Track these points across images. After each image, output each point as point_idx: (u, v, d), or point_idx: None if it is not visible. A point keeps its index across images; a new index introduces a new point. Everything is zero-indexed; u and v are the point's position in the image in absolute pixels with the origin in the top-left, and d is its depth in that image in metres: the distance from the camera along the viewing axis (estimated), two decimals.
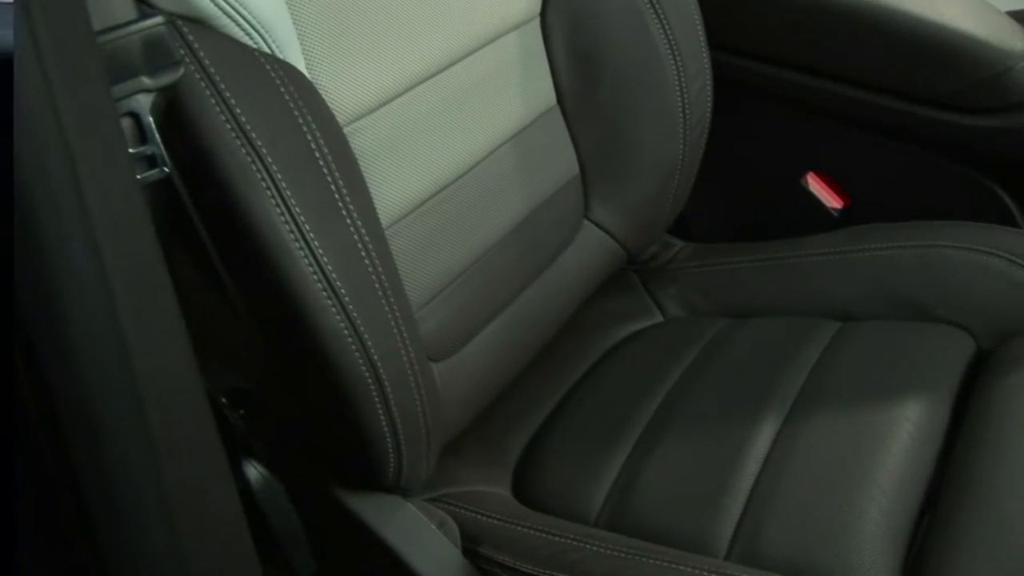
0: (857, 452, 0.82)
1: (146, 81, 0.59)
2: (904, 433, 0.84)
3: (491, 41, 0.89)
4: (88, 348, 0.52)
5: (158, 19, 0.60)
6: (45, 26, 0.49)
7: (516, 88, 0.92)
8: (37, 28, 0.48)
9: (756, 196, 1.27)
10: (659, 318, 1.11)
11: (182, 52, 0.61)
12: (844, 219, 1.20)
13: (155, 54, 0.59)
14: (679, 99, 1.01)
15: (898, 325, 0.99)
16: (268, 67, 0.65)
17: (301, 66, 0.71)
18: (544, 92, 0.97)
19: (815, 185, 1.21)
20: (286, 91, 0.65)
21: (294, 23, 0.71)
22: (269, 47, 0.67)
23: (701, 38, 1.03)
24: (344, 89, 0.74)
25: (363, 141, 0.76)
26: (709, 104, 1.05)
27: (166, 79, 0.60)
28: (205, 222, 0.64)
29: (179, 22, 0.62)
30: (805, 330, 1.00)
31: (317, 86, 0.71)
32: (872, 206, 1.19)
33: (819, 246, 1.08)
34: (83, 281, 0.51)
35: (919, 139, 1.13)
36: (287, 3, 0.70)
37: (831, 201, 1.21)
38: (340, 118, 0.73)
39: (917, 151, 1.14)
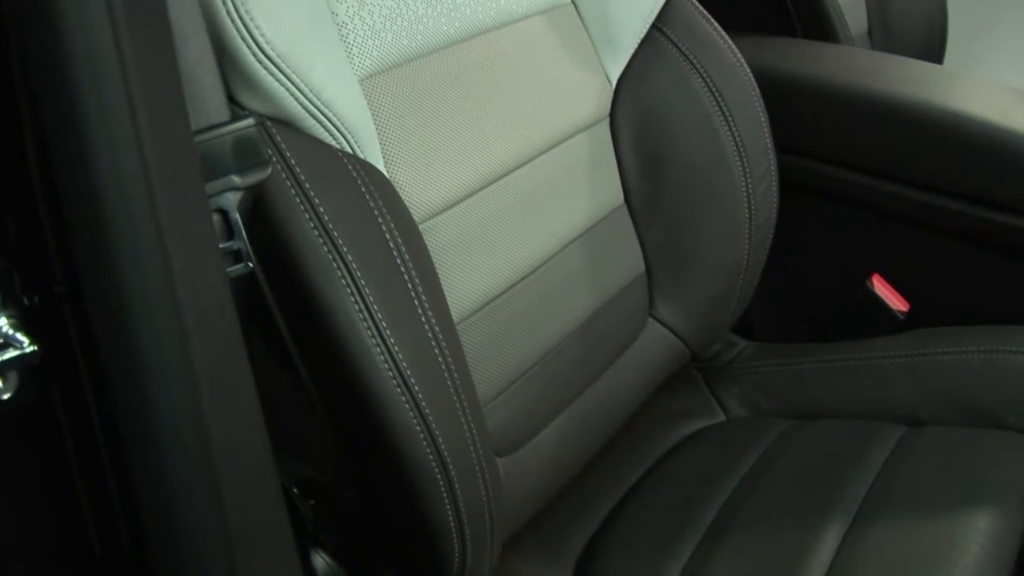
0: (925, 565, 0.81)
1: (236, 180, 0.61)
2: (975, 546, 0.82)
3: (562, 141, 0.91)
4: (170, 435, 0.53)
5: (249, 121, 0.62)
6: (148, 125, 0.51)
7: (585, 187, 0.94)
8: (141, 127, 0.51)
9: (820, 297, 1.27)
10: (722, 417, 1.10)
11: (270, 152, 0.64)
12: (909, 322, 1.19)
13: (245, 154, 0.62)
14: (745, 200, 1.02)
15: (966, 432, 0.97)
16: (350, 167, 0.68)
17: (380, 165, 0.73)
18: (612, 191, 0.99)
19: (880, 287, 1.21)
20: (367, 191, 0.67)
21: (376, 125, 0.74)
22: (351, 147, 0.70)
23: (768, 140, 1.04)
24: (421, 188, 0.76)
25: (437, 238, 0.78)
26: (775, 205, 1.06)
27: (254, 178, 0.62)
28: (285, 316, 0.66)
29: (268, 123, 0.65)
30: (870, 434, 0.99)
31: (395, 184, 0.73)
32: (937, 309, 1.19)
33: (884, 349, 1.07)
34: (170, 371, 0.53)
35: (985, 242, 1.13)
36: (370, 106, 0.73)
37: (896, 303, 1.21)
38: (416, 215, 0.75)
39: (983, 254, 1.14)
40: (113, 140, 0.51)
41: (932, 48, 1.81)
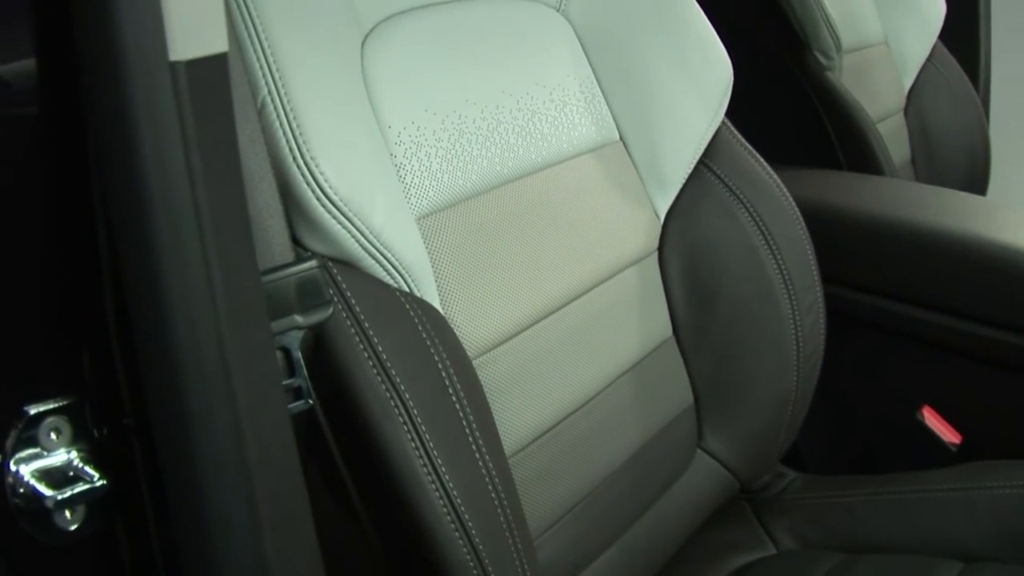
0: None
1: (298, 319, 0.64)
2: None
3: (612, 276, 0.93)
4: (231, 570, 0.55)
5: (312, 263, 0.65)
6: (220, 267, 0.54)
7: (634, 321, 0.96)
8: (212, 268, 0.54)
9: (870, 428, 1.27)
10: (772, 550, 1.09)
11: (331, 292, 0.66)
12: (962, 454, 1.18)
13: (308, 294, 0.65)
14: (793, 332, 1.03)
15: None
16: (408, 306, 0.70)
17: (436, 303, 0.75)
18: (661, 324, 1.00)
19: (931, 419, 1.20)
20: (423, 329, 0.70)
21: (432, 264, 0.76)
22: (409, 286, 0.73)
23: (814, 273, 1.06)
24: (475, 325, 0.79)
25: (490, 373, 0.80)
26: (822, 337, 1.07)
27: (316, 317, 0.65)
28: (342, 451, 0.67)
29: (330, 264, 0.68)
30: (924, 570, 0.97)
31: (450, 321, 0.76)
32: (992, 441, 1.18)
33: (937, 482, 1.06)
34: (232, 507, 0.54)
35: None
36: (426, 245, 0.76)
37: (948, 436, 1.20)
38: (470, 351, 0.77)
39: None
40: (186, 280, 0.53)
41: (976, 178, 1.84)
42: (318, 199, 0.66)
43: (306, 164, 0.66)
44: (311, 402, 0.64)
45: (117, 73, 0.51)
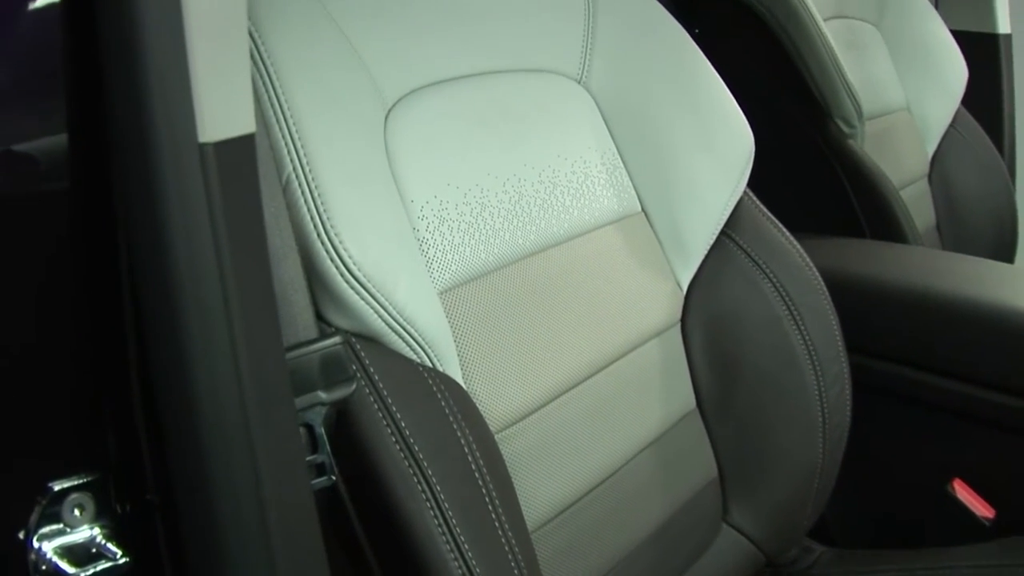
0: None
1: (322, 395, 0.65)
2: None
3: (634, 348, 0.94)
4: None
5: (336, 339, 0.67)
6: (245, 343, 0.55)
7: (657, 393, 0.96)
8: (238, 345, 0.55)
9: (899, 502, 1.26)
10: None
11: (355, 368, 0.68)
12: (997, 529, 1.17)
13: (331, 370, 0.66)
14: (818, 403, 1.03)
15: None
16: (430, 381, 0.71)
17: (459, 378, 0.76)
18: (684, 396, 1.01)
19: (962, 492, 1.19)
20: (446, 405, 0.71)
21: (454, 338, 0.77)
22: (431, 361, 0.74)
23: (839, 343, 1.06)
24: (498, 399, 0.80)
25: (512, 448, 0.80)
26: (848, 408, 1.07)
27: (340, 393, 0.66)
28: (365, 528, 0.68)
29: (353, 339, 0.69)
30: None
31: (473, 396, 0.77)
32: None
33: (970, 558, 1.05)
34: None
35: None
36: (448, 319, 0.77)
37: (981, 510, 1.19)
38: (493, 426, 0.78)
39: None
40: (212, 357, 0.55)
41: (1003, 245, 1.84)
42: (342, 275, 0.68)
43: (330, 241, 0.67)
44: (334, 478, 0.65)
45: (147, 154, 0.53)
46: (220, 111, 0.54)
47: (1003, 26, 1.90)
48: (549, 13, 0.98)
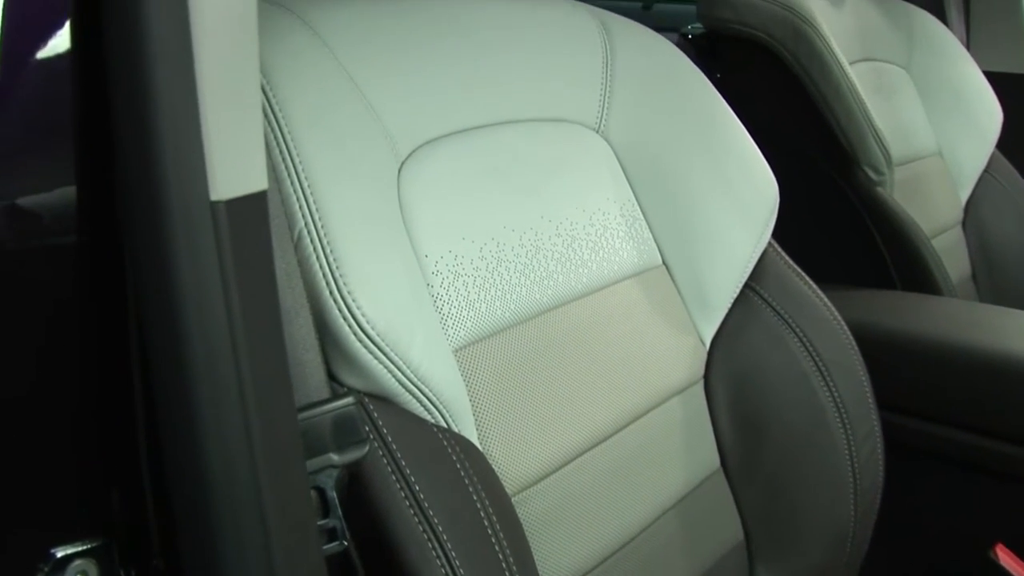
0: None
1: (334, 458, 0.66)
2: None
3: (656, 406, 0.95)
4: None
5: (349, 399, 0.68)
6: (256, 404, 0.57)
7: (680, 453, 0.97)
8: (248, 406, 0.56)
9: (939, 567, 1.25)
10: None
11: (367, 429, 0.69)
12: None
13: (344, 432, 0.67)
14: (848, 464, 1.03)
15: None
16: (445, 443, 0.72)
17: (474, 439, 0.78)
18: (707, 455, 1.01)
19: (1006, 559, 1.19)
20: (462, 467, 0.72)
21: (469, 397, 0.79)
22: (446, 421, 0.75)
23: (870, 400, 1.07)
24: (514, 461, 0.81)
25: (530, 510, 0.81)
26: (881, 469, 1.07)
27: (352, 456, 0.67)
28: None
29: (366, 400, 0.70)
30: None
31: (489, 458, 0.78)
32: None
33: None
34: None
35: None
36: (464, 378, 0.79)
37: None
38: (509, 488, 0.79)
39: None
40: (222, 419, 0.56)
41: None
42: (355, 334, 0.69)
43: (343, 298, 0.69)
44: (346, 543, 0.66)
45: (158, 212, 0.55)
46: (232, 168, 0.56)
47: None
48: (566, 61, 1.00)
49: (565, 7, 1.06)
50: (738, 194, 1.04)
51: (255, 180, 0.57)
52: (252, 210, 0.58)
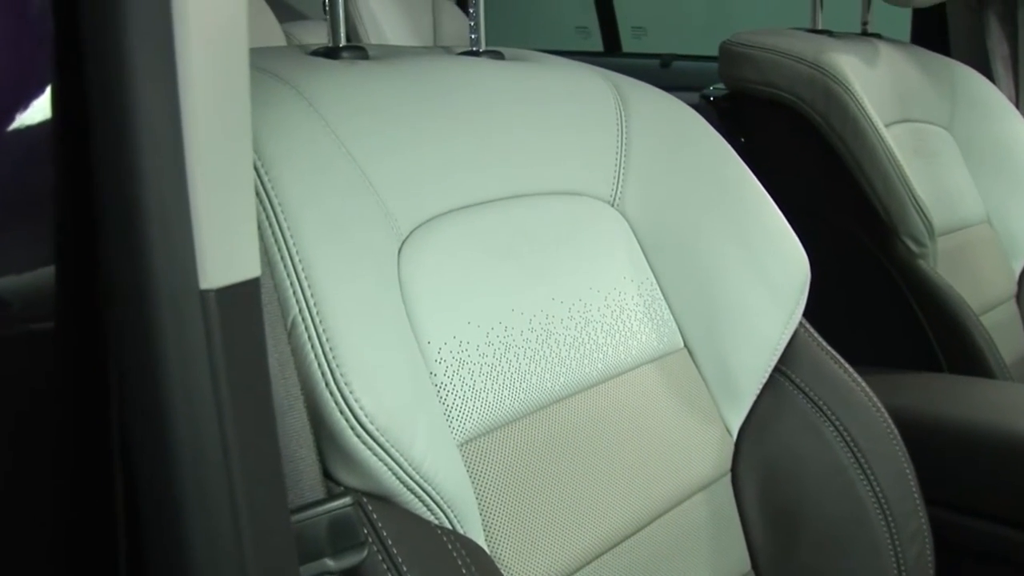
0: None
1: (330, 563, 0.68)
2: None
3: (679, 504, 0.97)
4: None
5: (346, 500, 0.70)
6: (247, 507, 0.58)
7: (706, 554, 0.98)
8: (239, 510, 0.58)
9: None
10: None
11: (366, 532, 0.71)
12: None
13: (340, 535, 0.69)
14: (894, 566, 1.04)
15: None
16: (450, 546, 0.74)
17: (481, 540, 0.79)
18: (737, 557, 1.03)
19: None
20: (468, 573, 0.73)
21: (476, 495, 0.81)
22: (451, 522, 0.77)
23: (916, 496, 1.08)
24: (524, 564, 0.82)
25: None
26: (931, 571, 1.08)
27: (350, 561, 0.69)
28: None
29: (364, 500, 0.72)
30: None
31: (497, 560, 0.79)
32: None
33: None
34: None
35: None
36: (469, 474, 0.81)
37: None
38: None
39: None
40: (210, 524, 0.58)
41: None
42: (353, 429, 0.71)
43: (340, 391, 0.71)
44: None
45: (144, 301, 0.58)
46: (223, 254, 0.58)
47: None
48: (577, 130, 1.03)
49: (575, 70, 1.10)
50: (766, 270, 1.06)
51: (248, 267, 0.60)
52: (244, 299, 0.60)
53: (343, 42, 0.94)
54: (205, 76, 0.58)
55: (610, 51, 3.63)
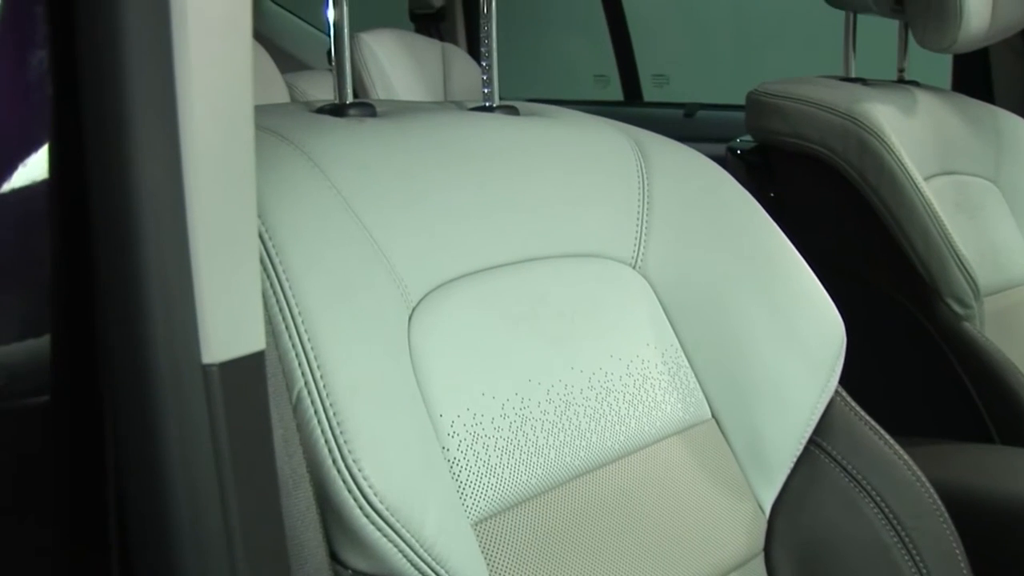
0: None
1: None
2: None
3: None
4: None
5: None
6: None
7: None
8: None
9: None
10: None
11: None
12: None
13: None
14: None
15: None
16: None
17: None
18: None
19: None
20: None
21: None
22: None
23: None
24: None
25: None
26: None
27: None
28: None
29: None
30: None
31: None
32: None
33: None
34: None
35: None
36: (484, 556, 0.82)
37: None
38: None
39: None
40: None
41: None
42: (361, 509, 0.72)
43: (347, 468, 0.73)
44: None
45: (144, 374, 0.59)
46: (227, 328, 0.60)
47: None
48: (596, 188, 1.05)
49: (594, 126, 1.12)
50: (798, 335, 1.07)
51: (252, 340, 0.62)
52: (248, 373, 0.62)
53: (350, 98, 0.96)
54: (208, 139, 0.60)
55: (631, 100, 3.66)
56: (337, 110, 0.96)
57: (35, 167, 0.61)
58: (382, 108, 1.00)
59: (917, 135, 1.68)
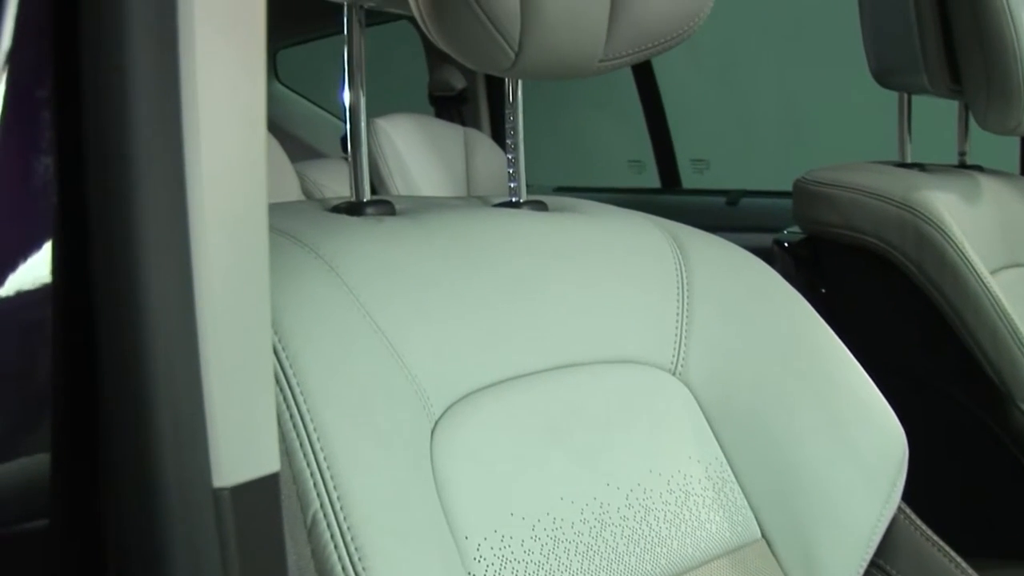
0: None
1: None
2: None
3: None
4: None
5: None
6: None
7: None
8: None
9: None
10: None
11: None
12: None
13: None
14: None
15: None
16: None
17: None
18: None
19: None
20: None
21: None
22: None
23: None
24: None
25: None
26: None
27: None
28: None
29: None
30: None
31: None
32: None
33: None
34: None
35: None
36: None
37: None
38: None
39: None
40: None
41: None
42: None
43: None
44: None
45: (150, 499, 0.60)
46: (239, 449, 0.61)
47: None
48: (632, 289, 1.06)
49: (628, 221, 1.13)
50: (855, 447, 1.07)
51: (266, 461, 0.63)
52: (261, 497, 0.63)
53: (367, 196, 0.98)
54: (220, 247, 0.61)
55: (668, 187, 3.67)
56: (353, 208, 0.97)
57: (37, 272, 0.62)
58: (401, 205, 1.01)
59: (981, 224, 1.67)
